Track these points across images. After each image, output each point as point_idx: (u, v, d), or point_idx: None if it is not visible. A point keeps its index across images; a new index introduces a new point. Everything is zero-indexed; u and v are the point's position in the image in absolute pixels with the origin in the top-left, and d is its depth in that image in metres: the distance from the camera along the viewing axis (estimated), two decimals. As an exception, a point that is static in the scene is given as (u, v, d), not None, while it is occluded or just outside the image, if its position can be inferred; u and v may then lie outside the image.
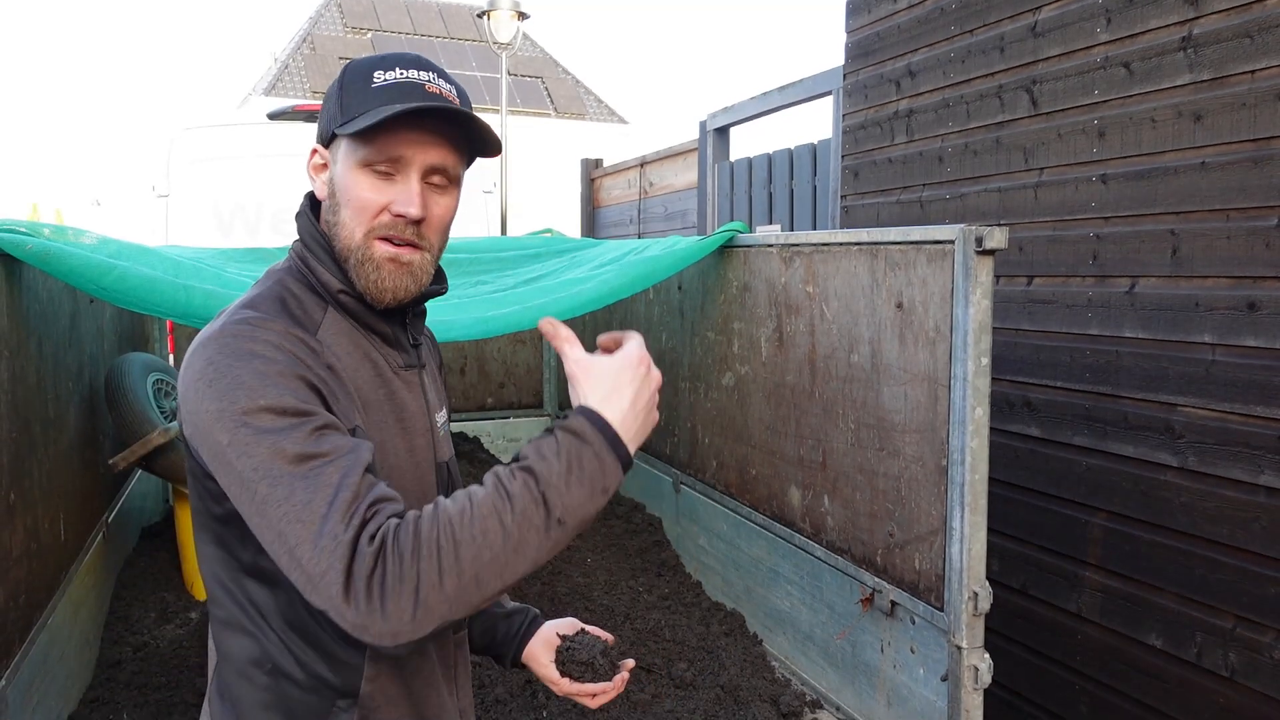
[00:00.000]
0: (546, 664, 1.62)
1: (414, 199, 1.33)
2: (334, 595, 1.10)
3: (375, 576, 1.10)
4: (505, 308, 3.17)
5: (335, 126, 1.34)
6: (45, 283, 2.78)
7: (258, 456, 1.16)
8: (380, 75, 1.34)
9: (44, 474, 2.67)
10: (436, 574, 1.11)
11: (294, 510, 1.13)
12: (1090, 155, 3.09)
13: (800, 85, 5.16)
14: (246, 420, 1.17)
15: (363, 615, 1.10)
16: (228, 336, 1.23)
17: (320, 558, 1.11)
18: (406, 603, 1.10)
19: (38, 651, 2.51)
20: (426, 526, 1.13)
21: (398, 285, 1.36)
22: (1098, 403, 3.09)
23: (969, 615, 2.34)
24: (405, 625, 1.10)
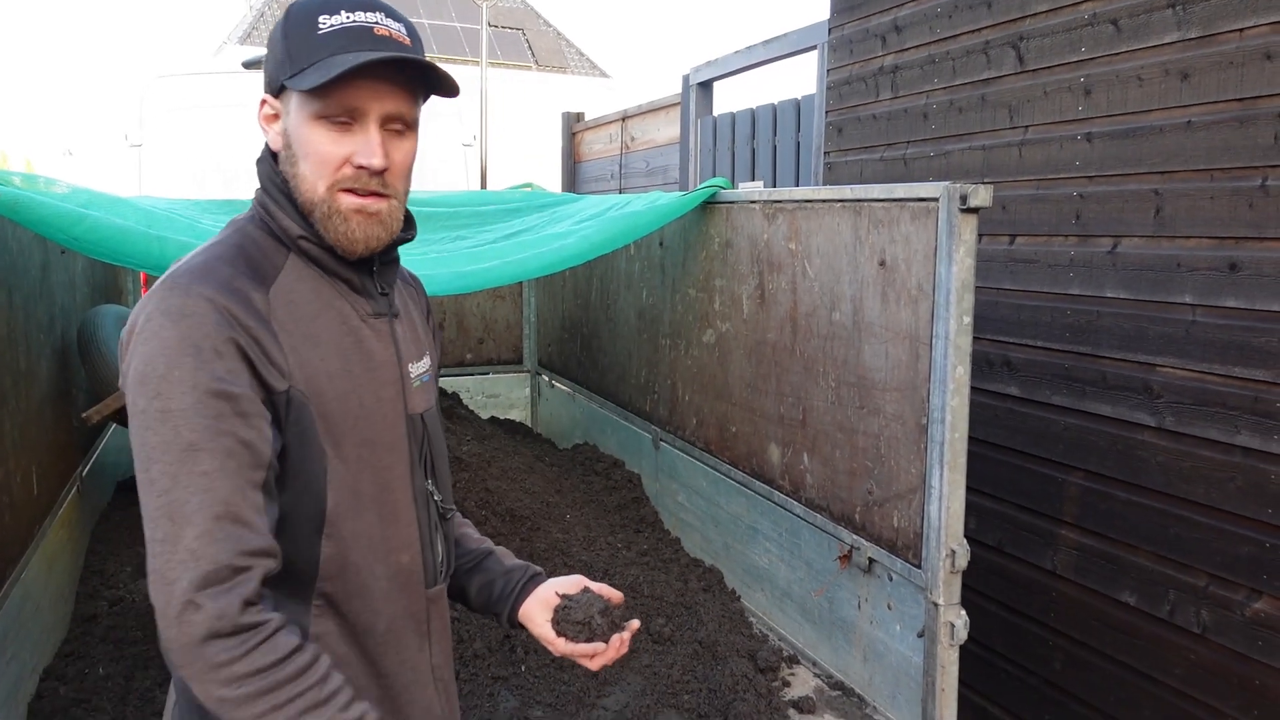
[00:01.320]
0: (542, 623, 1.57)
1: (375, 150, 1.30)
2: (170, 606, 1.13)
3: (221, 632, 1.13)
4: (484, 262, 3.14)
5: (284, 77, 1.30)
6: (15, 232, 2.73)
7: (157, 434, 1.18)
8: (325, 20, 1.29)
9: (15, 427, 2.63)
10: (259, 704, 1.14)
11: (168, 509, 1.16)
12: (1075, 113, 3.07)
13: (785, 39, 5.10)
14: (159, 389, 1.19)
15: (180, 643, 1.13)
16: (167, 289, 1.25)
17: (174, 566, 1.15)
18: (212, 681, 1.14)
19: (11, 605, 2.49)
20: (291, 668, 1.17)
21: (369, 235, 1.34)
22: (1077, 362, 3.09)
23: (946, 572, 2.36)
24: (195, 668, 1.14)
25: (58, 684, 2.77)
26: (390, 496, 1.39)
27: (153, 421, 1.18)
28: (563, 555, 3.54)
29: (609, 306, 4.46)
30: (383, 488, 1.38)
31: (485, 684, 2.78)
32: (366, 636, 1.37)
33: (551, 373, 5.39)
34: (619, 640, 1.54)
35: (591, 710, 2.70)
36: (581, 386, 4.91)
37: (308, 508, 1.30)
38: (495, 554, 1.68)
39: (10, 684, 2.48)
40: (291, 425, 1.27)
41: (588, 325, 4.76)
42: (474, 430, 4.57)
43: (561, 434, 5.17)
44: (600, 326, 4.59)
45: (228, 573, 1.15)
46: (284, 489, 1.28)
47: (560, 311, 5.17)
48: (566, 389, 5.15)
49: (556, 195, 4.15)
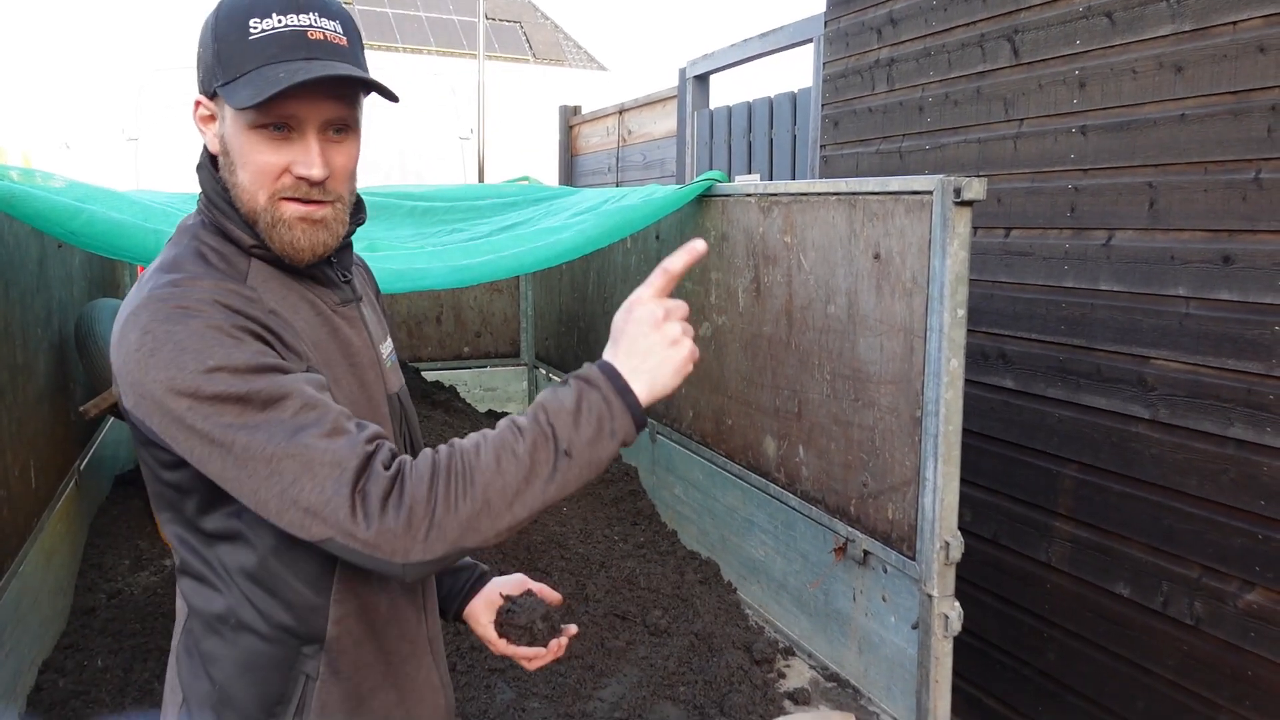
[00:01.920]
0: (485, 624, 1.60)
1: (314, 160, 1.26)
2: (341, 518, 1.12)
3: (391, 497, 1.13)
4: (481, 256, 3.14)
5: (216, 84, 1.26)
6: (11, 226, 2.73)
7: (226, 415, 1.14)
8: (256, 24, 1.23)
9: (13, 421, 2.64)
10: (452, 498, 1.14)
11: (283, 450, 1.13)
12: (1070, 106, 3.08)
13: (781, 32, 5.10)
14: (202, 384, 1.14)
15: (374, 533, 1.12)
16: (157, 302, 1.19)
17: (325, 486, 1.12)
18: (420, 523, 1.13)
19: (9, 598, 2.50)
20: (444, 456, 1.17)
21: (315, 242, 1.31)
22: (1072, 355, 3.10)
23: (940, 564, 2.37)
24: (417, 545, 1.13)
25: (57, 676, 2.79)
26: None
27: (210, 411, 1.14)
28: (560, 548, 3.55)
29: (606, 300, 4.47)
30: None
31: (482, 676, 2.79)
32: (373, 613, 1.38)
33: (549, 366, 5.39)
34: (557, 644, 1.57)
35: (588, 702, 2.71)
36: (579, 380, 4.91)
37: None
38: None
39: (9, 676, 2.49)
40: None
41: (585, 318, 4.76)
42: (471, 423, 4.58)
43: (559, 427, 5.18)
44: (597, 320, 4.59)
45: (363, 462, 1.14)
46: None
47: (557, 305, 5.18)
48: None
49: (553, 189, 4.15)
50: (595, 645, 2.95)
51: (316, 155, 1.27)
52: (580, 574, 3.38)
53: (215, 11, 1.28)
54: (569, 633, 1.60)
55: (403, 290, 2.93)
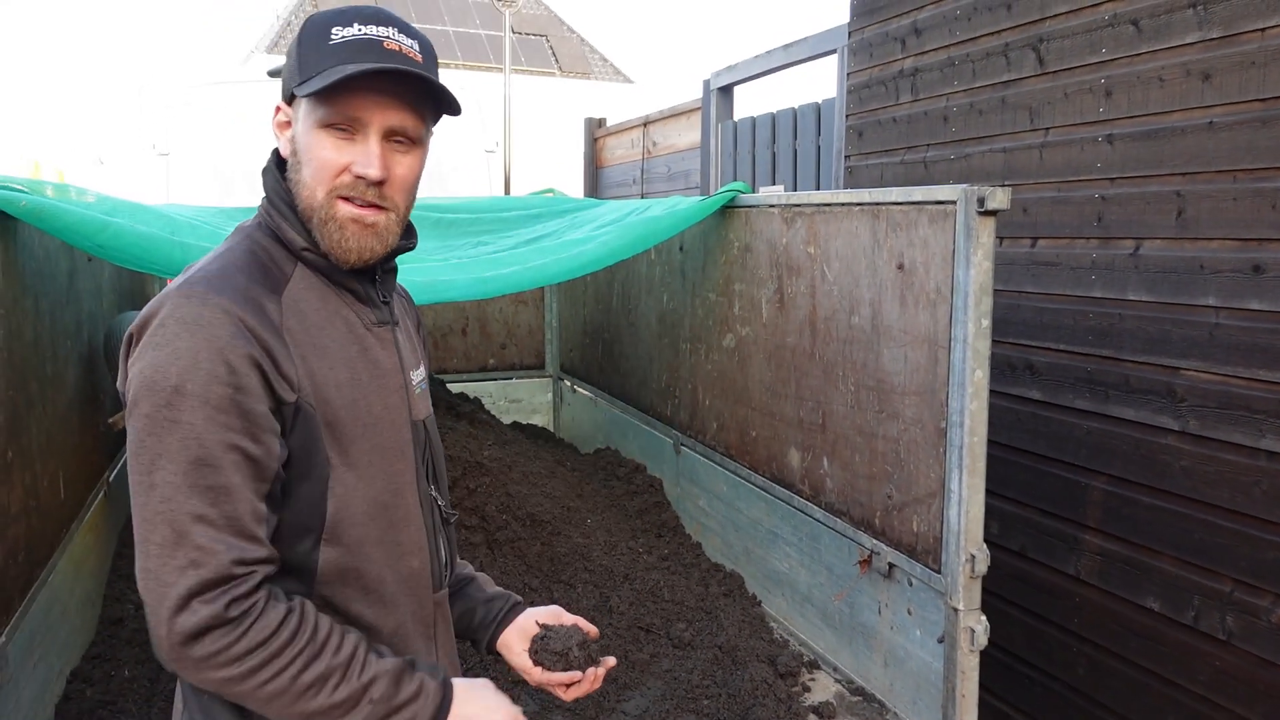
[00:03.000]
0: (519, 652, 1.60)
1: (374, 160, 1.31)
2: (164, 606, 1.17)
3: (210, 635, 1.17)
4: (506, 268, 3.15)
5: (295, 85, 1.33)
6: (42, 240, 2.77)
7: (161, 444, 1.20)
8: (338, 31, 1.31)
9: (42, 432, 2.67)
10: (246, 672, 1.19)
11: (169, 516, 1.18)
12: (1097, 115, 3.05)
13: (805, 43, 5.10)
14: (169, 399, 1.20)
15: (167, 640, 1.17)
16: (182, 298, 1.25)
17: (171, 571, 1.17)
18: (210, 669, 1.18)
19: (39, 608, 2.52)
20: (285, 631, 1.22)
21: (362, 246, 1.35)
22: (1100, 366, 3.07)
23: (966, 577, 2.35)
24: (187, 670, 1.19)
25: (85, 686, 2.81)
26: (401, 501, 1.40)
27: (159, 428, 1.20)
28: (584, 560, 3.55)
29: (630, 311, 4.47)
30: (394, 493, 1.39)
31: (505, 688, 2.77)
32: (373, 637, 1.38)
33: (573, 377, 5.40)
34: (594, 674, 1.56)
35: (611, 714, 2.70)
36: (603, 391, 4.92)
37: (306, 516, 1.31)
38: (477, 580, 1.70)
39: (39, 685, 2.51)
40: (296, 435, 1.29)
41: (609, 330, 4.77)
42: (496, 435, 4.59)
43: (583, 439, 5.18)
44: (621, 331, 4.60)
45: (224, 581, 1.18)
46: (284, 496, 1.30)
47: (582, 316, 5.19)
48: (588, 394, 5.16)
49: (578, 200, 4.17)
50: (619, 658, 2.94)
51: (376, 156, 1.32)
52: (604, 586, 3.38)
53: (302, 26, 1.36)
54: (607, 664, 1.58)
55: (428, 302, 2.95)
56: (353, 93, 1.29)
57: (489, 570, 3.43)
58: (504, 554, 3.58)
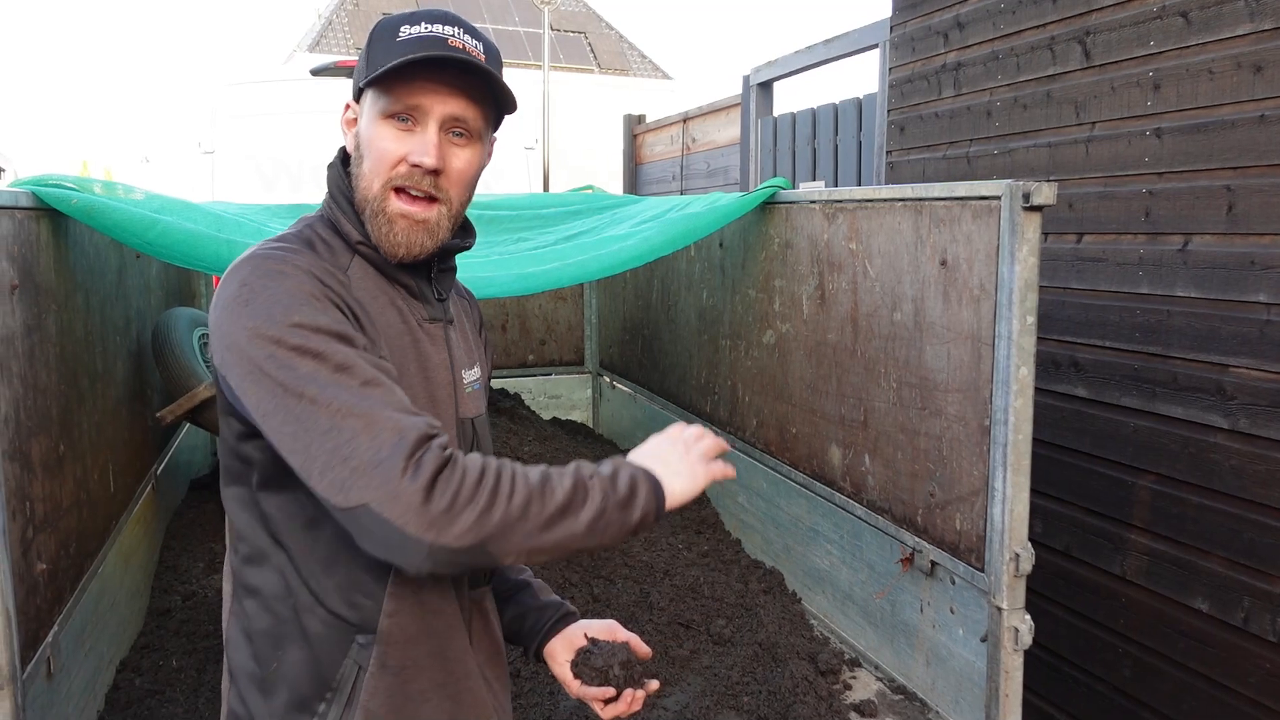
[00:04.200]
0: (563, 663, 1.59)
1: (430, 149, 1.34)
2: (389, 480, 1.14)
3: (443, 475, 1.16)
4: (546, 264, 3.16)
5: (363, 79, 1.37)
6: (92, 237, 2.81)
7: (304, 366, 1.19)
8: (406, 30, 1.35)
9: (92, 426, 2.72)
10: (498, 497, 1.18)
11: (350, 407, 1.17)
12: (1145, 109, 3.01)
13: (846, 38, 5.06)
14: (286, 334, 1.20)
15: (416, 503, 1.14)
16: (259, 259, 1.27)
17: (381, 448, 1.15)
18: (462, 508, 1.16)
19: (89, 599, 2.57)
20: (496, 462, 1.23)
21: (411, 241, 1.37)
22: (1147, 363, 3.03)
23: (1010, 576, 2.32)
24: (452, 529, 1.15)
25: (133, 675, 2.86)
26: None
27: (290, 362, 1.19)
28: (623, 555, 3.55)
29: (669, 307, 4.47)
30: None
31: (546, 682, 2.80)
32: (431, 616, 1.39)
33: (613, 374, 5.41)
34: (632, 695, 1.53)
35: (651, 710, 2.70)
36: (642, 387, 4.92)
37: None
38: (531, 587, 1.71)
39: (89, 674, 2.56)
40: None
41: (649, 326, 4.77)
42: (536, 431, 4.61)
43: (623, 435, 5.19)
44: (661, 328, 4.60)
45: (428, 438, 1.18)
46: None
47: (621, 313, 5.19)
48: (628, 390, 5.16)
49: (617, 197, 4.17)
50: (659, 654, 2.94)
51: (433, 145, 1.34)
52: (644, 582, 3.38)
53: (375, 26, 1.40)
54: (650, 688, 1.56)
55: (468, 298, 2.96)
56: (413, 81, 1.32)
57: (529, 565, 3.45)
58: (544, 549, 3.59)
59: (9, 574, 1.89)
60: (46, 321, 2.33)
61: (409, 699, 1.37)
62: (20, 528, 2.02)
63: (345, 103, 1.43)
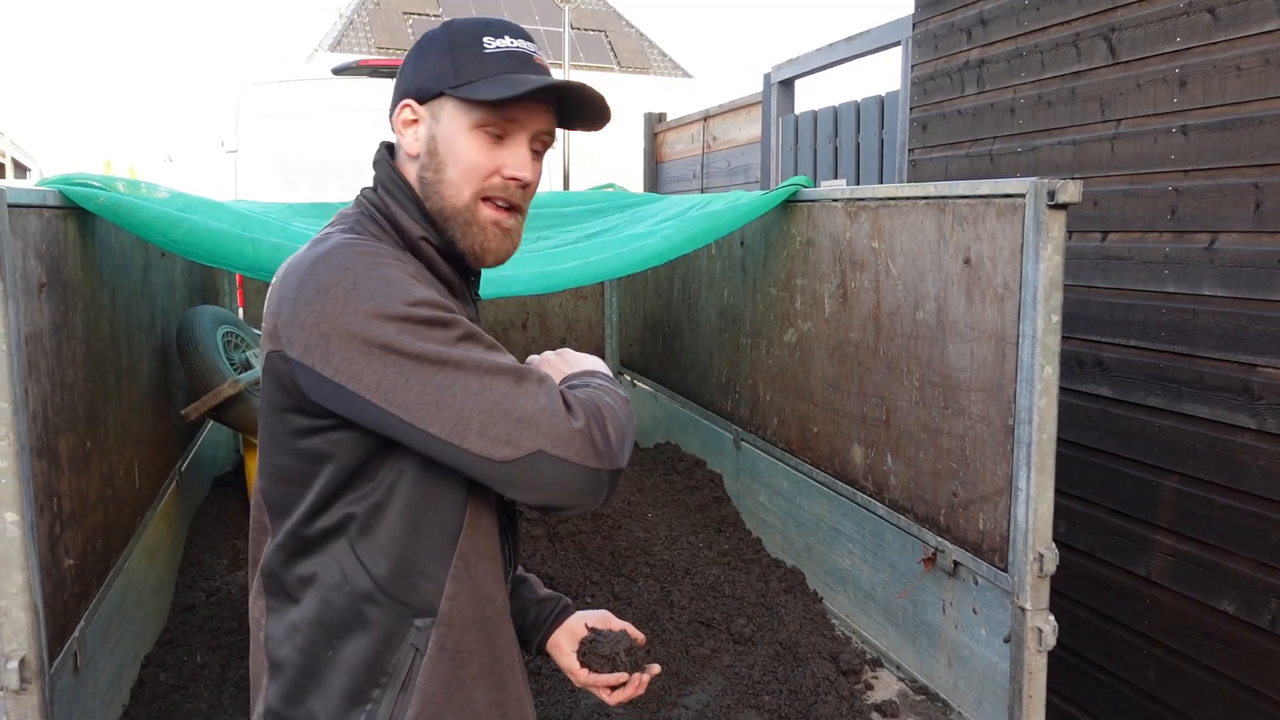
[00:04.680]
0: (569, 653, 1.64)
1: (527, 164, 1.40)
2: (558, 424, 1.23)
3: (591, 413, 1.27)
4: (566, 263, 3.16)
5: (447, 86, 1.38)
6: (117, 236, 2.84)
7: (438, 336, 1.23)
8: (490, 42, 1.38)
9: (118, 422, 2.74)
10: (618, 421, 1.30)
11: (494, 368, 1.24)
12: (1170, 106, 2.98)
13: (868, 36, 5.04)
14: (412, 311, 1.23)
15: (590, 438, 1.24)
16: (350, 246, 1.29)
17: (538, 398, 1.23)
18: (615, 436, 1.28)
19: (115, 594, 2.59)
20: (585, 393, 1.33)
21: (500, 248, 1.43)
22: (1173, 362, 3.00)
23: (1034, 577, 2.31)
24: (619, 455, 1.28)
25: (158, 670, 2.88)
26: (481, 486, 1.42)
27: (424, 331, 1.23)
28: (644, 554, 3.56)
29: (690, 306, 4.47)
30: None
31: (566, 680, 2.80)
32: (488, 604, 1.41)
33: (633, 372, 5.41)
34: (639, 679, 1.59)
35: (672, 709, 2.70)
36: (663, 386, 4.92)
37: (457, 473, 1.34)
38: (529, 582, 1.74)
39: (115, 669, 2.58)
40: None
41: (669, 325, 4.77)
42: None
43: (643, 433, 5.19)
44: (682, 326, 4.59)
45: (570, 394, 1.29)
46: None
47: (642, 311, 5.19)
48: (648, 388, 5.16)
49: (638, 195, 4.17)
50: (680, 652, 2.94)
51: (528, 160, 1.40)
52: (665, 580, 3.38)
53: (447, 30, 1.42)
54: (652, 671, 1.62)
55: (489, 296, 2.96)
56: (518, 102, 1.37)
57: (550, 563, 3.45)
58: (565, 547, 3.60)
59: (37, 569, 1.90)
60: (73, 319, 2.35)
61: (462, 683, 1.38)
62: (48, 523, 2.04)
63: (403, 103, 1.43)
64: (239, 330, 4.00)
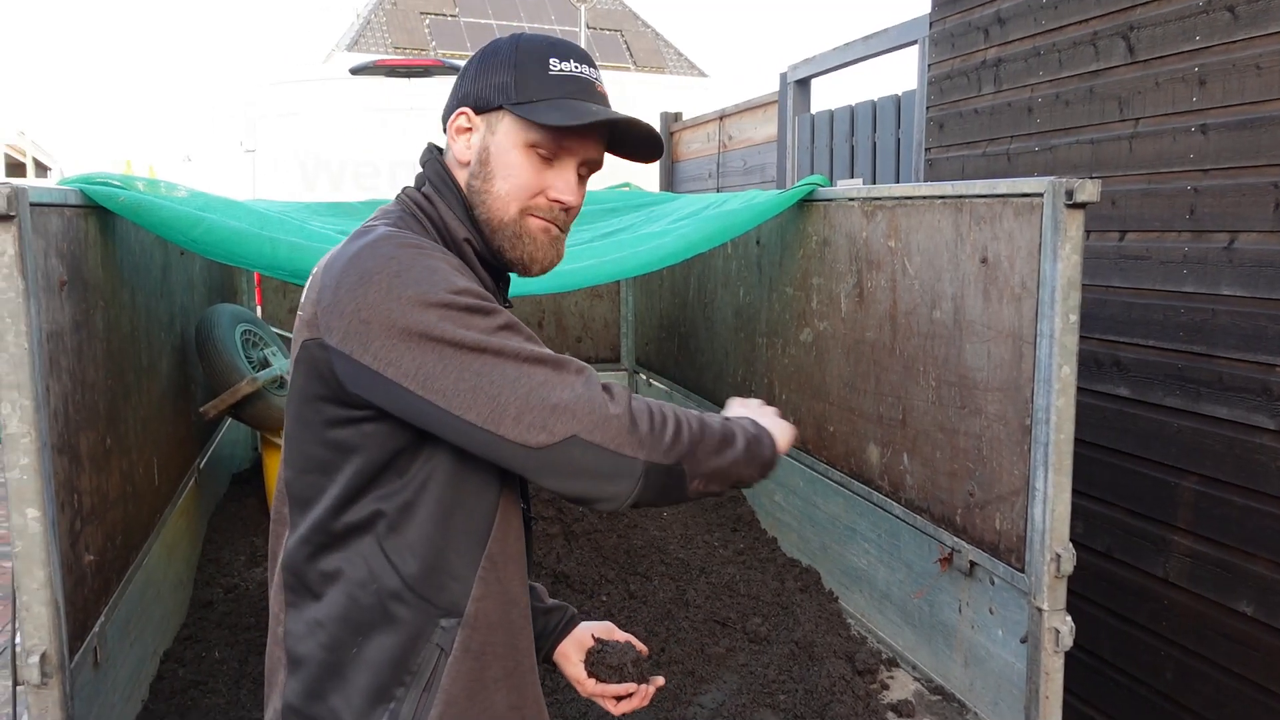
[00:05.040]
0: (576, 663, 1.66)
1: (574, 189, 1.42)
2: (595, 408, 1.24)
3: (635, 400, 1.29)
4: (582, 262, 3.17)
5: (508, 102, 1.39)
6: (137, 235, 2.86)
7: (479, 324, 1.24)
8: (555, 64, 1.39)
9: (138, 420, 2.76)
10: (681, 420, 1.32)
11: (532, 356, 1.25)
12: (1189, 105, 2.97)
13: (885, 35, 5.03)
14: (454, 299, 1.25)
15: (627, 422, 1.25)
16: (394, 238, 1.31)
17: (575, 386, 1.24)
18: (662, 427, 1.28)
19: (134, 590, 2.61)
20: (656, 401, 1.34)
21: (547, 256, 1.45)
22: (1191, 363, 2.99)
23: (1051, 577, 2.30)
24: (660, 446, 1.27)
25: (177, 666, 2.90)
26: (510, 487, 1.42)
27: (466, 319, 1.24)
28: (660, 553, 3.56)
29: (706, 305, 4.47)
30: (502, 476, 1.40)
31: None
32: (513, 608, 1.42)
33: (649, 371, 5.41)
34: (644, 690, 1.62)
35: (687, 708, 2.71)
36: (679, 385, 4.92)
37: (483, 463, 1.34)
38: (536, 591, 1.74)
39: (134, 665, 2.60)
40: None
41: (685, 324, 4.77)
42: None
43: (658, 432, 5.19)
44: (698, 325, 4.60)
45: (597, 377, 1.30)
46: None
47: (658, 310, 5.20)
48: (664, 387, 5.17)
49: (654, 194, 4.17)
50: (695, 651, 2.95)
51: (574, 186, 1.43)
52: (680, 579, 3.39)
53: (514, 45, 1.42)
54: (656, 683, 1.64)
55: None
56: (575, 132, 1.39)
57: (566, 561, 3.46)
58: (581, 545, 3.60)
59: (58, 565, 1.92)
60: (94, 317, 2.37)
61: (484, 685, 1.39)
62: (69, 519, 2.05)
63: (459, 109, 1.44)
64: (257, 329, 4.02)
